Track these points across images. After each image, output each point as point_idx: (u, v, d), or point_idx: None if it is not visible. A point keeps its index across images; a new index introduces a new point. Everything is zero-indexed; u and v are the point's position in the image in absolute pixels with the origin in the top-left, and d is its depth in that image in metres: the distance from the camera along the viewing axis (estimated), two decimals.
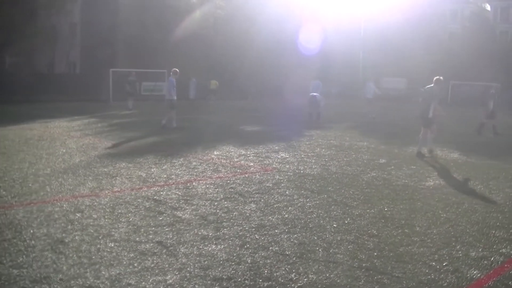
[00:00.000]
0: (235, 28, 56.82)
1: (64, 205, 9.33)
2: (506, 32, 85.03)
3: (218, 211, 9.30)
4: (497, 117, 25.52)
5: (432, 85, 17.20)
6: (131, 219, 8.60)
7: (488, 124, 24.92)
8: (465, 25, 78.37)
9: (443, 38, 75.18)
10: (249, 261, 6.87)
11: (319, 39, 59.78)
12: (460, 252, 7.48)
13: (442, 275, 6.57)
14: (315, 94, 30.12)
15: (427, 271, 6.70)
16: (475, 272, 6.71)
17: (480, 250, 7.59)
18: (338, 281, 6.31)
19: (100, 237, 7.62)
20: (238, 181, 12.07)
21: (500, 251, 7.58)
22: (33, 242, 7.31)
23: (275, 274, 6.46)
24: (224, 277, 6.32)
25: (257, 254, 7.12)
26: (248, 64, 55.94)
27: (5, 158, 14.16)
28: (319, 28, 60.07)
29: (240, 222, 8.63)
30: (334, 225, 8.60)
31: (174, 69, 24.15)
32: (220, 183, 11.73)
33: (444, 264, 6.97)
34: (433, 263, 6.98)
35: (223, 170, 13.53)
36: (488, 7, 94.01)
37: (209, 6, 57.16)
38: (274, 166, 14.24)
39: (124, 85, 36.85)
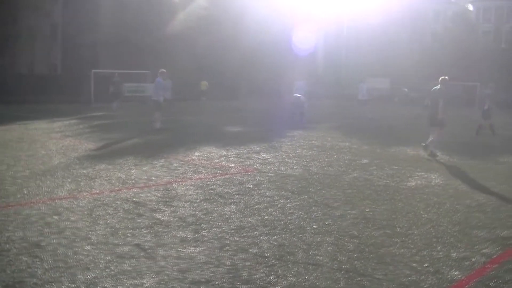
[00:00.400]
0: (220, 29, 56.68)
1: (42, 208, 9.19)
2: (489, 32, 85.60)
3: (197, 212, 9.20)
4: (493, 116, 25.43)
5: (439, 86, 17.17)
6: (109, 222, 8.48)
7: (485, 124, 24.94)
8: (448, 25, 78.76)
9: (426, 38, 75.65)
10: (228, 263, 6.77)
11: (304, 39, 59.88)
12: (441, 253, 7.42)
13: (423, 277, 6.50)
14: (299, 95, 30.15)
15: (408, 272, 6.64)
16: (456, 273, 6.65)
17: (461, 250, 7.54)
18: (318, 283, 6.23)
19: (77, 240, 7.50)
20: (219, 182, 11.98)
21: (482, 251, 7.53)
22: (7, 245, 7.17)
23: (254, 276, 6.37)
24: (203, 280, 6.22)
25: (236, 257, 7.02)
26: (234, 65, 55.90)
27: None
28: (304, 28, 60.15)
29: (220, 224, 8.53)
30: (315, 227, 8.52)
31: (162, 70, 24.09)
32: (200, 185, 11.63)
33: (425, 265, 6.91)
34: (414, 264, 6.91)
35: (203, 171, 13.43)
36: (470, 8, 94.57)
37: (192, 6, 56.99)
38: (255, 167, 14.16)
39: (108, 87, 36.64)
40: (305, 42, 60.24)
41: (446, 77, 17.37)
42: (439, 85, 17.22)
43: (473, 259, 7.18)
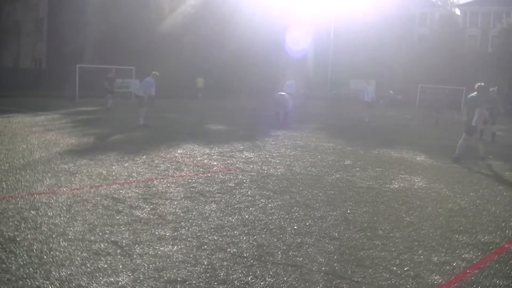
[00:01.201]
0: (208, 27, 56.57)
1: (19, 202, 9.06)
2: (475, 37, 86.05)
3: (177, 210, 9.10)
4: (496, 122, 24.94)
5: (475, 92, 17.03)
6: (87, 218, 8.36)
7: (488, 130, 24.44)
8: (435, 28, 79.01)
9: (412, 41, 75.88)
10: (205, 263, 6.68)
11: (294, 39, 59.94)
12: (422, 256, 7.37)
13: (403, 281, 6.44)
14: (283, 93, 29.93)
15: (387, 276, 6.57)
16: (436, 278, 6.60)
17: (442, 255, 7.49)
18: (296, 285, 6.16)
19: (53, 236, 7.38)
20: (200, 180, 11.88)
21: (463, 256, 7.48)
22: None
23: (231, 277, 6.28)
24: (179, 279, 6.13)
25: (214, 256, 6.94)
26: (224, 64, 55.84)
27: None
28: (294, 29, 60.21)
29: (199, 222, 8.44)
30: (295, 227, 8.45)
31: (155, 72, 24.15)
32: (182, 182, 11.54)
33: (405, 269, 6.85)
34: (394, 268, 6.85)
35: (185, 169, 13.33)
36: (457, 12, 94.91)
37: (180, 4, 56.85)
38: (237, 165, 14.08)
39: (103, 82, 36.35)
40: (295, 43, 60.30)
41: (482, 84, 17.22)
42: (475, 92, 17.05)
43: (453, 264, 7.14)
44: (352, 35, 67.08)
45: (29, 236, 7.32)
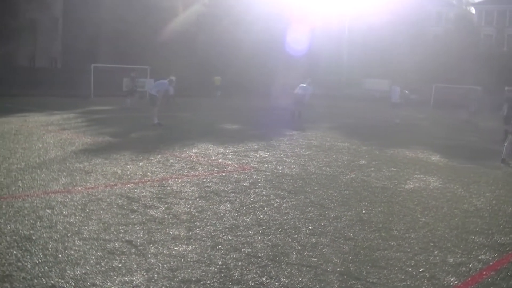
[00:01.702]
0: (221, 26, 56.52)
1: (35, 201, 9.10)
2: (490, 36, 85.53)
3: (191, 210, 9.11)
4: None
5: None
6: (102, 217, 8.38)
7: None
8: (449, 27, 78.59)
9: (427, 40, 75.42)
10: (220, 262, 6.68)
11: (306, 39, 59.77)
12: (437, 257, 7.33)
13: (418, 282, 6.41)
14: (300, 92, 29.75)
15: (403, 277, 6.54)
16: (452, 279, 6.57)
17: (458, 256, 7.45)
18: (311, 285, 6.14)
19: (68, 235, 7.41)
20: (215, 179, 11.88)
21: (479, 257, 7.44)
22: None
23: (245, 277, 6.27)
24: (193, 279, 6.13)
25: (228, 256, 6.93)
26: (235, 63, 55.79)
27: None
28: (306, 28, 60.06)
29: (214, 222, 8.44)
30: (310, 227, 8.43)
31: (172, 78, 24.27)
32: (196, 182, 11.54)
33: (420, 270, 6.81)
34: (410, 269, 6.82)
35: (200, 168, 13.33)
36: (472, 10, 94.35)
37: (193, 3, 56.87)
38: (252, 165, 14.07)
39: (127, 82, 36.50)
40: (305, 42, 60.09)
41: None
42: None
43: (469, 265, 7.09)
44: (366, 34, 66.86)
45: (44, 235, 7.35)
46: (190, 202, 9.64)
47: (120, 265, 6.41)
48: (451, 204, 10.74)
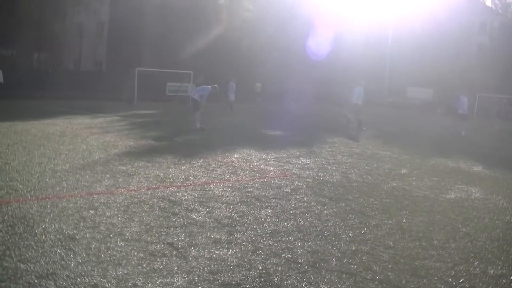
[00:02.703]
0: (266, 32, 56.52)
1: (79, 202, 9.26)
2: None
3: (233, 214, 9.17)
4: None
5: None
6: (144, 219, 8.49)
7: None
8: (494, 37, 77.56)
9: (471, 49, 74.57)
10: (260, 267, 6.73)
11: (349, 47, 59.64)
12: (478, 269, 7.28)
13: None
14: (356, 102, 29.39)
15: (442, 287, 6.52)
16: None
17: (499, 268, 7.39)
18: None
19: (111, 236, 7.53)
20: (256, 185, 11.93)
21: None
22: (43, 237, 7.24)
23: (285, 282, 6.31)
24: (233, 282, 6.19)
25: (268, 261, 6.97)
26: (278, 71, 55.88)
27: (26, 152, 14.15)
28: (350, 37, 59.93)
29: (255, 227, 8.49)
30: (350, 235, 8.43)
31: (215, 85, 24.45)
32: (238, 187, 11.60)
33: (460, 280, 6.78)
34: (449, 279, 6.79)
35: (241, 173, 13.40)
36: None
37: (236, 8, 56.99)
38: (293, 171, 14.09)
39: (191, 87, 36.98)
40: (348, 51, 59.93)
41: None
42: None
43: (510, 277, 7.04)
44: (410, 42, 66.37)
45: (87, 235, 7.48)
46: (231, 207, 9.70)
47: (161, 267, 6.50)
48: (492, 215, 10.65)
